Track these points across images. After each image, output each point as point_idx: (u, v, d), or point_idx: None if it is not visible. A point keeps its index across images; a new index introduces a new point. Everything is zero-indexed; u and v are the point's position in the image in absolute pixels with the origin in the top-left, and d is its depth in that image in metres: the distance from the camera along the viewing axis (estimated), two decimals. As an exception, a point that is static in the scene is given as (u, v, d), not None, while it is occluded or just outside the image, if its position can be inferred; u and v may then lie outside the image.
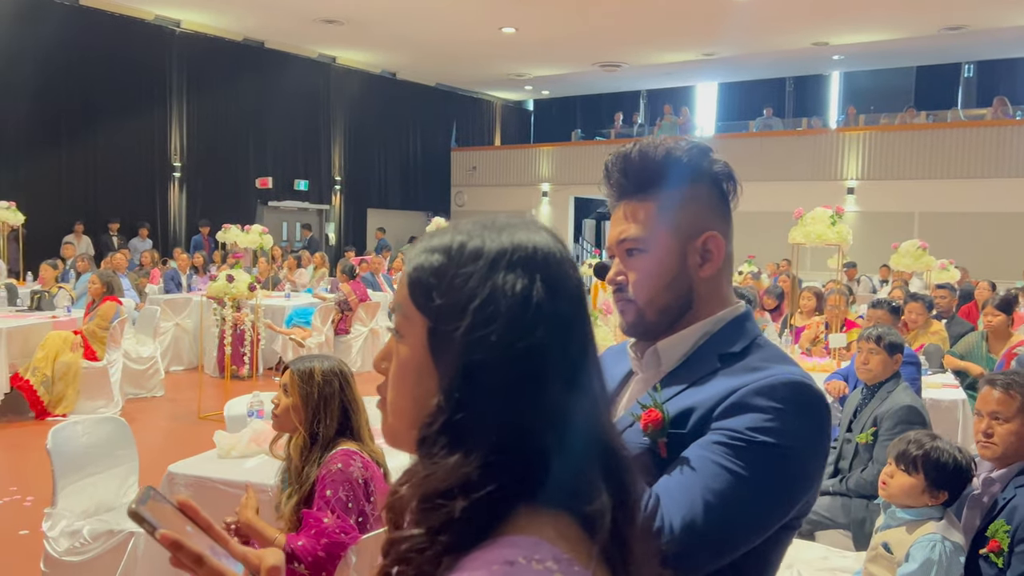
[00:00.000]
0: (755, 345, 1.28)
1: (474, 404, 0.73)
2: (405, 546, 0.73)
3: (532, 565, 0.66)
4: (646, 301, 1.30)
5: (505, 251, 0.77)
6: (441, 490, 0.72)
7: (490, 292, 0.75)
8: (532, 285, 0.76)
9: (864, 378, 3.83)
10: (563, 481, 0.73)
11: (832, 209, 5.81)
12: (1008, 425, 2.50)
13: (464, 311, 0.74)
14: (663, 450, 1.21)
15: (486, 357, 0.73)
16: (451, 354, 0.74)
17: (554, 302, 0.77)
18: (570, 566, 0.69)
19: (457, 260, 0.77)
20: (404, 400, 0.80)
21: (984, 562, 2.41)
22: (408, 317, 0.79)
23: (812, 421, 1.20)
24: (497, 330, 0.73)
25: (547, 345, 0.75)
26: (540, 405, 0.74)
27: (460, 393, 0.73)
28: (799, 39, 15.88)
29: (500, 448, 0.72)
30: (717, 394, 1.20)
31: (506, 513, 0.72)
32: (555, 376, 0.75)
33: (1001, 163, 15.70)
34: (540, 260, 0.78)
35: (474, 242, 0.78)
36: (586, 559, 0.73)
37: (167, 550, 0.89)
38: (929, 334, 6.61)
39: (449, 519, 0.71)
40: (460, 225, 0.82)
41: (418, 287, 0.78)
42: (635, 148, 1.32)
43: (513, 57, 17.90)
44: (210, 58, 15.79)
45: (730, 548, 1.15)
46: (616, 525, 0.76)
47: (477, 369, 0.73)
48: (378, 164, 19.69)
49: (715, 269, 1.30)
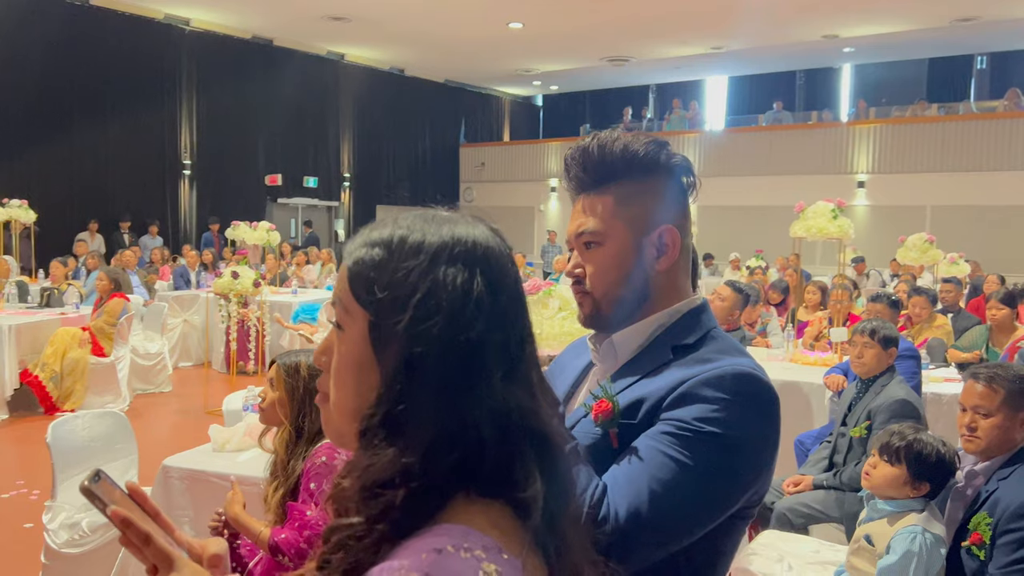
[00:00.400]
0: (709, 337, 1.30)
1: (415, 396, 0.74)
2: (344, 534, 0.75)
3: (460, 553, 0.68)
4: (602, 293, 1.32)
5: (446, 245, 0.79)
6: (381, 480, 0.73)
7: (432, 286, 0.76)
8: (473, 279, 0.77)
9: (858, 371, 3.82)
10: (499, 470, 0.75)
11: (834, 203, 5.78)
12: (991, 419, 2.49)
13: (406, 305, 0.76)
14: (614, 440, 1.23)
15: (427, 350, 0.75)
16: (392, 347, 0.76)
17: (494, 296, 0.78)
18: (498, 554, 0.70)
19: (398, 254, 0.78)
20: (346, 394, 0.81)
21: (966, 555, 2.42)
22: (349, 311, 0.80)
23: (760, 412, 1.21)
24: (439, 323, 0.75)
25: (487, 338, 0.76)
26: (479, 397, 0.75)
27: (401, 385, 0.75)
28: (809, 31, 15.77)
29: (439, 439, 0.74)
30: (667, 385, 1.22)
31: (443, 502, 0.74)
32: (494, 368, 0.77)
33: (1015, 155, 15.54)
34: (480, 255, 0.80)
35: (414, 236, 0.79)
36: (517, 547, 0.74)
37: (116, 528, 0.90)
38: (933, 328, 6.57)
39: (387, 508, 0.73)
40: (399, 219, 0.83)
41: (359, 281, 0.79)
42: (593, 142, 1.33)
43: (521, 52, 17.88)
44: (219, 56, 15.88)
45: (675, 537, 1.17)
46: (550, 512, 0.78)
47: (418, 362, 0.75)
48: (387, 160, 19.74)
49: (671, 262, 1.32)
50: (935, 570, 2.40)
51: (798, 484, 3.79)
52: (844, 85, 20.52)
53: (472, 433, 0.74)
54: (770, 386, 1.24)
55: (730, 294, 4.55)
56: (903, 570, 2.36)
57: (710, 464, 1.16)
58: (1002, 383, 2.51)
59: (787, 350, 5.98)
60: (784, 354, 5.93)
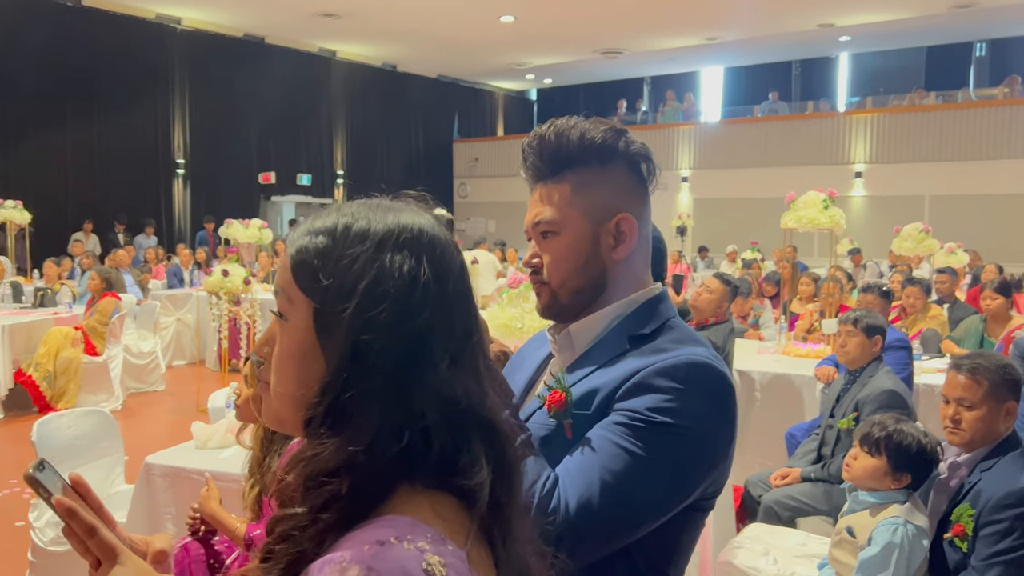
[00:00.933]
0: (666, 327, 1.28)
1: (361, 384, 0.74)
2: (288, 525, 0.74)
3: (403, 545, 0.67)
4: (559, 283, 1.30)
5: (392, 232, 0.78)
6: (326, 469, 0.72)
7: (378, 273, 0.75)
8: (420, 266, 0.77)
9: (843, 361, 3.81)
10: (444, 458, 0.74)
11: (825, 192, 5.75)
12: (975, 411, 2.44)
13: (352, 292, 0.75)
14: (568, 431, 1.21)
15: (374, 337, 0.74)
16: (338, 335, 0.75)
17: (440, 283, 0.78)
18: (442, 545, 0.69)
19: (343, 242, 0.78)
20: (289, 384, 0.80)
21: (949, 546, 2.39)
22: (292, 300, 0.79)
23: (714, 402, 1.19)
24: (386, 310, 0.74)
25: (434, 325, 0.76)
26: (425, 384, 0.75)
27: (348, 373, 0.74)
28: (805, 21, 15.68)
29: (385, 427, 0.73)
30: (621, 375, 1.20)
31: (389, 492, 0.73)
32: (441, 356, 0.76)
33: (1014, 143, 15.47)
34: (426, 242, 0.79)
35: (359, 223, 0.79)
36: (462, 537, 0.74)
37: (61, 518, 0.90)
38: (928, 319, 6.54)
39: (331, 498, 0.72)
40: (344, 207, 0.82)
41: (303, 269, 0.79)
42: (550, 130, 1.31)
43: (513, 46, 17.83)
44: (211, 55, 15.84)
45: (627, 529, 1.15)
46: (496, 501, 0.77)
47: (365, 349, 0.74)
48: (380, 157, 19.71)
49: (628, 251, 1.30)
50: (917, 562, 2.37)
51: (786, 477, 3.77)
52: (842, 75, 20.45)
53: (418, 421, 0.74)
54: (725, 375, 1.22)
55: (718, 286, 4.52)
56: (884, 562, 2.34)
57: (663, 455, 1.14)
58: (985, 374, 2.47)
59: (779, 343, 5.96)
60: (776, 347, 5.91)
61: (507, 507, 0.79)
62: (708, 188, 18.40)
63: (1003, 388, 2.46)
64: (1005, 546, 2.26)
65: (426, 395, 0.74)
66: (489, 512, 0.77)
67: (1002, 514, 2.28)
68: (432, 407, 0.74)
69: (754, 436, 5.13)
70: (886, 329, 3.82)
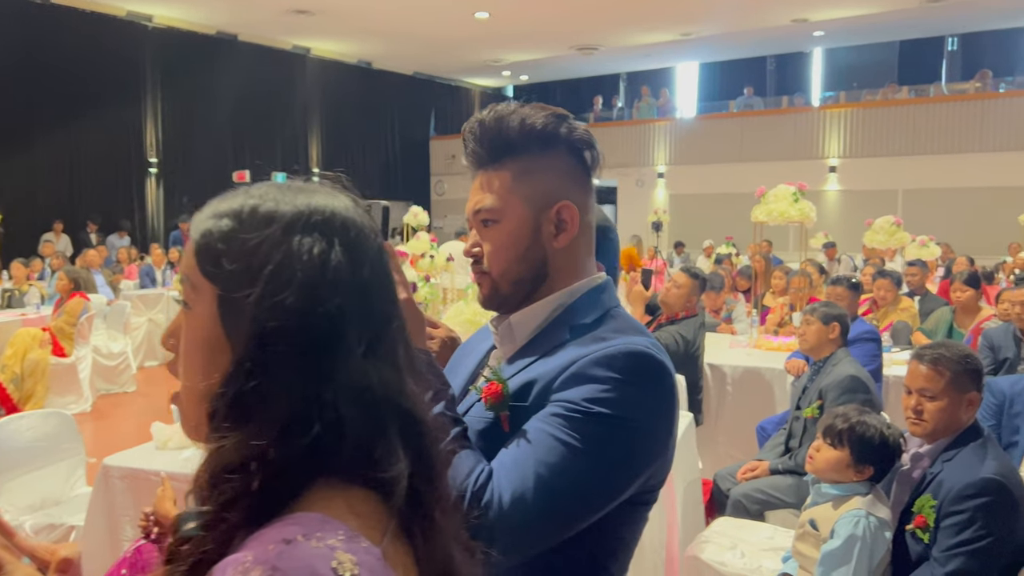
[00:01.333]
0: (608, 316, 1.25)
1: (267, 373, 0.70)
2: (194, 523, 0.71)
3: (311, 543, 0.63)
4: (500, 273, 1.27)
5: (301, 214, 0.74)
6: (231, 464, 0.68)
7: (285, 256, 0.72)
8: (330, 249, 0.73)
9: (803, 349, 3.85)
10: (359, 451, 0.71)
11: (795, 186, 5.76)
12: (937, 402, 2.43)
13: (257, 276, 0.71)
14: (505, 424, 1.18)
15: (281, 324, 0.70)
16: (243, 323, 0.71)
17: (353, 268, 0.74)
18: (355, 542, 0.66)
19: (248, 224, 0.74)
20: (195, 377, 0.76)
21: (911, 538, 2.38)
22: (196, 287, 0.76)
23: (652, 391, 1.16)
24: (292, 296, 0.70)
25: (346, 312, 0.72)
26: (337, 373, 0.71)
27: (253, 362, 0.70)
28: (778, 16, 15.74)
29: (293, 418, 0.69)
30: (559, 365, 1.17)
31: (300, 487, 0.69)
32: (355, 344, 0.72)
33: (985, 137, 15.63)
34: (339, 225, 0.75)
35: (267, 205, 0.75)
36: (378, 534, 0.70)
37: None
38: (899, 311, 6.58)
39: (238, 495, 0.68)
40: (252, 188, 0.78)
41: (206, 254, 0.75)
42: (490, 115, 1.27)
43: (489, 43, 17.77)
44: (184, 53, 15.65)
45: (563, 523, 1.12)
46: (417, 495, 0.74)
47: (271, 337, 0.70)
48: (357, 155, 19.60)
49: (570, 239, 1.26)
50: (880, 554, 2.36)
51: (754, 470, 3.77)
52: (815, 70, 20.57)
53: (329, 412, 0.70)
54: (664, 364, 1.18)
55: (686, 280, 4.52)
56: (846, 554, 2.33)
57: (600, 446, 1.11)
58: (947, 364, 2.46)
59: (751, 336, 5.97)
60: (748, 340, 5.92)
61: (429, 501, 0.76)
62: (684, 184, 18.45)
63: (965, 378, 2.46)
64: (966, 537, 2.25)
65: (338, 384, 0.71)
66: (409, 507, 0.73)
67: (963, 504, 2.27)
68: (345, 397, 0.70)
69: (726, 430, 5.14)
70: (845, 317, 3.84)
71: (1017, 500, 2.30)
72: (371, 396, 0.72)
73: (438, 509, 0.77)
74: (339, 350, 0.71)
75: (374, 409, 0.72)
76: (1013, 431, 3.67)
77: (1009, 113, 15.67)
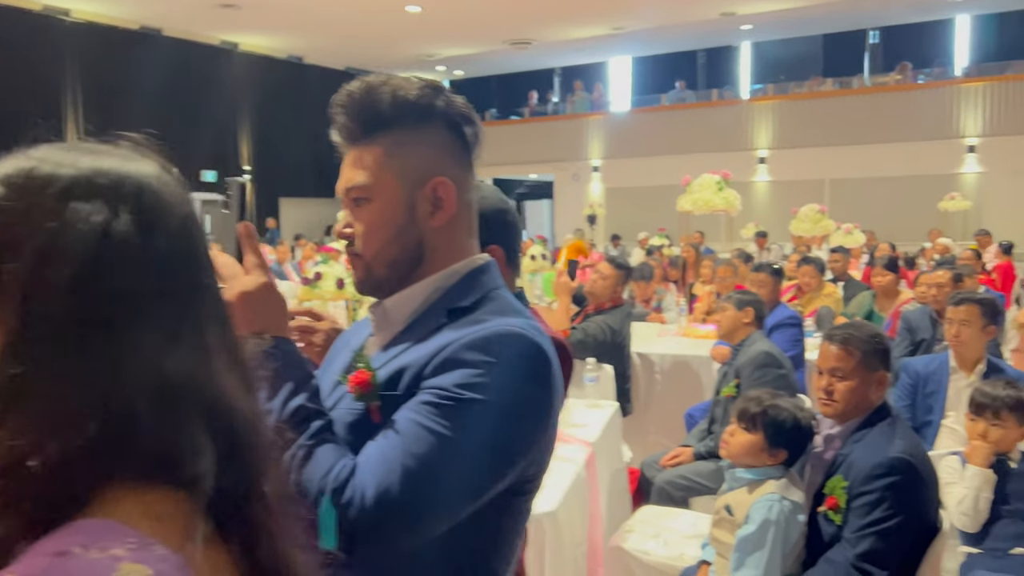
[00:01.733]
0: (487, 298, 1.19)
1: (35, 361, 0.60)
2: None
3: (90, 554, 0.56)
4: (373, 255, 1.20)
5: (83, 177, 0.65)
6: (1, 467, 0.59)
7: (58, 226, 0.62)
8: (114, 219, 0.64)
9: (720, 335, 3.97)
10: (157, 447, 0.62)
11: (719, 175, 5.81)
12: (847, 382, 2.46)
13: (22, 248, 0.62)
14: (375, 415, 1.11)
15: (51, 304, 0.61)
16: (8, 303, 0.62)
17: (146, 239, 0.65)
18: (147, 550, 0.58)
19: (20, 190, 0.65)
20: None
21: (824, 520, 2.39)
22: None
23: (528, 374, 1.10)
24: (63, 271, 0.61)
25: (136, 290, 0.64)
26: (124, 360, 0.62)
27: (17, 348, 0.61)
28: (707, 9, 15.94)
29: (71, 413, 0.60)
30: (431, 350, 1.11)
31: (87, 490, 0.61)
32: (147, 326, 0.64)
33: (907, 127, 16.09)
34: (130, 191, 0.66)
35: (44, 168, 0.66)
36: (178, 538, 0.62)
37: None
38: (823, 297, 6.70)
39: (9, 502, 0.59)
40: (34, 150, 0.68)
41: None
42: (361, 87, 1.20)
43: (421, 37, 17.63)
44: (105, 49, 15.17)
45: (432, 518, 1.06)
46: (231, 495, 0.66)
47: (39, 318, 0.61)
48: (289, 152, 19.24)
49: (447, 218, 1.20)
50: (793, 537, 2.37)
51: (678, 456, 3.78)
52: (744, 63, 20.93)
53: (117, 404, 0.61)
54: (540, 346, 1.12)
55: (611, 271, 4.53)
56: (761, 539, 2.33)
57: (472, 434, 1.05)
58: (857, 344, 2.48)
59: (679, 324, 6.01)
60: (676, 328, 5.96)
61: (251, 499, 0.68)
62: (619, 177, 18.59)
63: (874, 358, 2.48)
64: (876, 516, 2.26)
65: (125, 373, 0.62)
66: (224, 508, 0.66)
67: (872, 484, 2.28)
68: (135, 387, 0.62)
69: (655, 418, 5.16)
70: (759, 302, 3.92)
71: (925, 479, 2.33)
72: (166, 384, 0.64)
73: (264, 508, 0.69)
74: (125, 333, 0.63)
75: (174, 401, 0.64)
76: (927, 410, 3.75)
77: (929, 104, 16.17)
